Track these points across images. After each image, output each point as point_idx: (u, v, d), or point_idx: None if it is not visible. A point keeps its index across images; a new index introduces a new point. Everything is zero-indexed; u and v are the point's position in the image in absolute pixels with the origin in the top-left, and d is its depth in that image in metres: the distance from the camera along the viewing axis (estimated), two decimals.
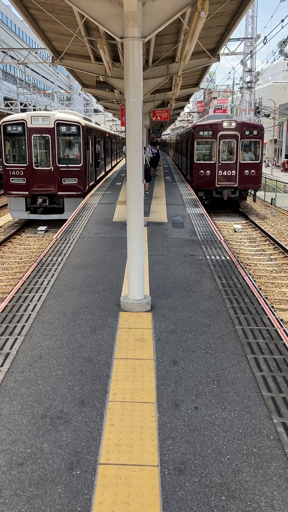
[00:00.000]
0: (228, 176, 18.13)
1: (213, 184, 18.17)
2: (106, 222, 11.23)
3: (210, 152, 18.14)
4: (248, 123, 18.69)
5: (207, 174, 18.08)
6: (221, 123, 17.89)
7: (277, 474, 2.95)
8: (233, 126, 17.90)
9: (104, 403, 3.71)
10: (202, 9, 5.62)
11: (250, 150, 18.35)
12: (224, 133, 17.87)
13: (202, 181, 18.18)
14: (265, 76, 53.95)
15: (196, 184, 18.26)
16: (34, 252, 12.88)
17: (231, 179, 18.17)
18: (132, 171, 5.52)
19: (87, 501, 2.74)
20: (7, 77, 58.57)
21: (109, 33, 5.53)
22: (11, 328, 5.12)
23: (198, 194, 18.04)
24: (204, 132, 18.02)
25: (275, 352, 4.57)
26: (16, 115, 16.04)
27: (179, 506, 2.71)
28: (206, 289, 6.40)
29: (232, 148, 18.05)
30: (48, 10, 8.70)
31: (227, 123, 17.95)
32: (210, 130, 17.98)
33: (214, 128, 17.92)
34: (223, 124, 17.88)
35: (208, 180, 18.16)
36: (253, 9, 25.63)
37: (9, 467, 3.01)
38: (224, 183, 18.17)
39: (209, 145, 18.12)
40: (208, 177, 18.12)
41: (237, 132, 17.86)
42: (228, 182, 18.18)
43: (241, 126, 17.99)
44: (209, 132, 17.95)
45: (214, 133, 17.88)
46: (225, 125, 17.87)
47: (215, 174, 18.09)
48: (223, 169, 18.10)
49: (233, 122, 17.99)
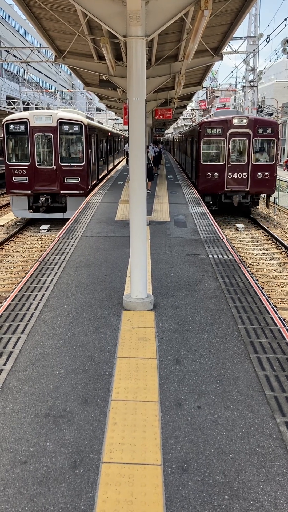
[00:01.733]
0: (238, 179, 16.47)
1: (222, 188, 16.47)
2: (109, 221, 11.23)
3: (219, 152, 16.44)
4: (262, 120, 16.89)
5: (215, 177, 16.39)
6: (231, 120, 16.10)
7: (280, 474, 2.95)
8: (245, 123, 16.12)
9: (107, 402, 3.71)
10: (205, 8, 5.61)
11: (264, 150, 16.61)
12: (235, 131, 16.14)
13: (210, 184, 16.50)
14: (268, 75, 53.84)
15: (203, 187, 16.65)
16: (37, 251, 12.90)
17: (242, 182, 16.50)
18: (135, 170, 5.51)
19: (90, 499, 2.75)
20: (9, 76, 58.60)
21: (112, 32, 5.52)
22: (14, 326, 5.13)
23: (205, 198, 16.59)
24: (212, 129, 16.25)
25: (278, 351, 4.56)
26: (18, 114, 16.05)
27: (182, 505, 2.71)
28: (208, 288, 6.40)
29: (243, 147, 16.36)
30: (51, 8, 8.70)
31: (238, 119, 16.14)
32: (218, 127, 16.18)
33: (223, 125, 16.13)
34: (234, 120, 16.08)
35: (216, 184, 16.46)
36: (256, 8, 25.57)
37: (13, 466, 3.02)
38: (234, 187, 16.49)
39: (217, 144, 16.39)
40: (216, 180, 16.42)
41: (249, 130, 16.12)
42: (239, 186, 16.52)
43: (253, 123, 16.20)
44: (217, 130, 16.18)
45: (223, 131, 16.13)
46: (236, 122, 16.10)
47: (224, 176, 16.38)
48: (233, 171, 16.43)
49: (245, 119, 16.17)
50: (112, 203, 14.03)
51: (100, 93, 20.10)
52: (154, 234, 9.72)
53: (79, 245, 8.83)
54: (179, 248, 8.65)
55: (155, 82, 13.53)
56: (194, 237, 9.60)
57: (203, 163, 16.49)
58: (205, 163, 16.49)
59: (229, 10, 9.30)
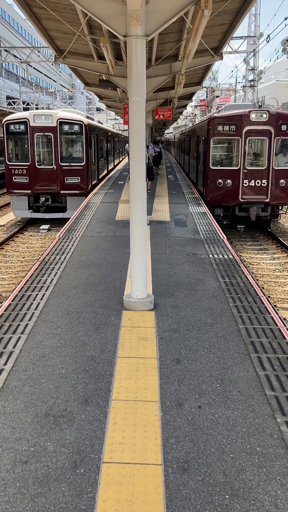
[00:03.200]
0: (256, 188, 13.66)
1: (236, 198, 13.69)
2: (109, 221, 11.23)
3: (232, 155, 13.73)
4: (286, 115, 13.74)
5: (227, 185, 13.62)
6: (248, 115, 13.26)
7: (281, 473, 2.95)
8: (265, 118, 13.27)
9: (108, 402, 3.71)
10: (205, 7, 5.61)
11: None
12: (252, 128, 13.35)
13: (221, 194, 13.73)
14: (268, 75, 53.81)
15: (212, 197, 13.88)
16: (37, 250, 12.90)
17: (260, 191, 13.70)
18: (135, 170, 5.51)
19: (91, 499, 2.75)
20: (9, 75, 58.60)
21: (112, 31, 5.52)
22: (14, 326, 5.13)
23: (214, 211, 13.98)
24: (224, 126, 13.43)
25: (278, 351, 4.56)
26: (18, 114, 16.06)
27: (183, 504, 2.71)
28: (209, 288, 6.39)
29: (262, 149, 13.61)
30: (51, 8, 8.70)
31: (256, 114, 13.31)
32: (232, 124, 13.38)
33: (238, 121, 13.32)
34: (251, 116, 13.25)
35: (228, 193, 13.71)
36: (256, 7, 25.55)
37: (13, 466, 3.02)
38: (252, 197, 13.68)
39: (230, 145, 13.68)
40: (228, 188, 13.66)
41: (270, 127, 13.28)
42: (257, 196, 13.70)
43: (275, 118, 13.34)
44: (231, 127, 13.41)
45: (238, 128, 13.34)
46: (254, 117, 13.27)
47: (238, 184, 13.62)
48: (250, 177, 13.62)
49: (265, 113, 13.31)
50: (112, 203, 14.03)
51: (100, 93, 20.11)
52: (154, 234, 9.72)
53: (80, 245, 8.83)
54: (179, 247, 8.64)
55: (155, 81, 13.54)
56: (195, 236, 9.60)
57: (212, 168, 13.81)
58: (215, 167, 13.80)
59: (229, 9, 9.30)
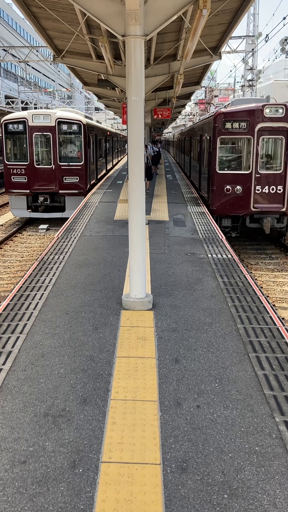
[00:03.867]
0: (271, 195, 11.86)
1: (247, 207, 11.93)
2: (108, 221, 11.23)
3: (243, 156, 11.90)
4: None
5: (236, 192, 11.85)
6: (261, 110, 11.48)
7: (279, 473, 2.95)
8: (281, 114, 11.49)
9: (106, 402, 3.71)
10: (204, 7, 5.61)
11: None
12: (266, 126, 11.56)
13: (229, 202, 11.95)
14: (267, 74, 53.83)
15: (219, 206, 12.07)
16: (36, 250, 12.89)
17: (276, 199, 11.90)
18: (134, 169, 5.51)
19: (89, 499, 2.75)
20: (8, 75, 58.52)
21: (111, 31, 5.52)
22: (13, 326, 5.13)
23: (221, 222, 12.31)
24: (233, 123, 11.59)
25: (277, 350, 4.57)
26: (17, 114, 16.05)
27: (182, 504, 2.71)
28: (207, 288, 6.40)
29: (278, 149, 11.82)
30: (50, 8, 8.70)
31: (271, 109, 11.52)
32: (242, 120, 11.57)
33: (250, 118, 11.54)
34: (265, 111, 11.47)
35: (238, 201, 11.94)
36: (255, 7, 25.54)
37: (12, 465, 3.01)
38: (265, 206, 11.89)
39: (240, 145, 11.86)
40: (238, 196, 11.90)
41: (287, 124, 11.57)
42: (272, 204, 11.93)
43: None
44: (241, 124, 11.57)
45: (250, 126, 11.56)
46: (268, 113, 11.48)
47: (250, 191, 11.87)
48: (263, 183, 11.84)
49: (281, 108, 11.51)
50: (111, 203, 14.03)
51: (99, 93, 20.10)
52: (153, 234, 9.72)
53: (78, 245, 8.82)
54: (178, 247, 8.65)
55: (154, 81, 13.54)
56: (193, 236, 9.60)
57: (219, 172, 11.97)
58: (222, 171, 11.98)
59: (227, 9, 9.30)
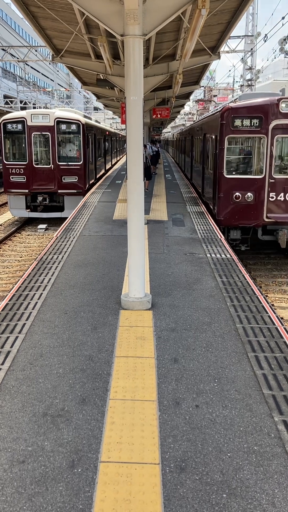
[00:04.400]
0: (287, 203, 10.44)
1: (259, 216, 10.45)
2: (107, 220, 11.22)
3: (254, 159, 10.43)
4: None
5: (247, 199, 10.37)
6: (277, 105, 9.95)
7: (278, 472, 2.95)
8: None
9: (105, 401, 3.71)
10: (203, 7, 5.61)
11: None
12: (283, 123, 10.03)
13: (238, 211, 10.51)
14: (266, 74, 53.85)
15: (226, 216, 10.61)
16: (35, 250, 12.88)
17: None
18: (133, 169, 5.51)
19: (88, 498, 2.75)
20: (7, 75, 58.48)
21: (110, 30, 5.52)
22: (11, 326, 5.13)
23: (230, 234, 10.84)
24: (243, 120, 10.09)
25: (275, 350, 4.57)
26: (16, 113, 16.04)
27: (180, 503, 2.71)
28: (206, 287, 6.40)
29: None
30: (48, 7, 8.69)
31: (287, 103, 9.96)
32: (255, 116, 10.04)
33: (263, 113, 9.99)
34: (281, 105, 9.95)
35: (249, 210, 10.47)
36: (254, 7, 25.54)
37: (11, 465, 3.01)
38: (281, 216, 10.40)
39: (251, 145, 10.39)
40: (249, 204, 10.42)
41: None
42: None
43: None
44: (253, 121, 10.07)
45: (263, 123, 10.02)
46: (284, 108, 9.97)
47: (263, 198, 10.37)
48: (278, 189, 10.34)
49: None
50: (110, 202, 14.02)
51: (98, 92, 20.09)
52: (152, 233, 9.72)
53: (77, 245, 8.82)
54: (177, 247, 8.65)
55: (153, 81, 13.54)
56: (192, 236, 9.60)
57: (227, 177, 10.49)
58: (230, 176, 10.49)
59: (226, 9, 9.30)
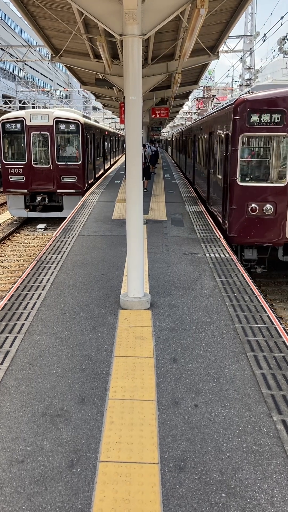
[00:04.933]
0: None
1: (280, 233, 8.71)
2: (106, 220, 11.22)
3: (273, 162, 8.62)
4: None
5: (265, 212, 8.61)
6: None
7: (277, 472, 2.96)
8: None
9: (104, 401, 3.71)
10: (202, 7, 5.62)
11: None
12: None
13: (254, 226, 8.76)
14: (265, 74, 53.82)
15: (240, 232, 8.87)
16: (33, 250, 12.88)
17: None
18: (132, 169, 5.51)
19: (87, 498, 2.75)
20: (5, 74, 58.42)
21: (109, 30, 5.51)
22: (10, 326, 5.12)
23: (244, 254, 9.12)
24: (262, 115, 8.27)
25: (274, 350, 4.57)
26: (14, 113, 16.03)
27: (179, 503, 2.71)
28: (205, 287, 6.40)
29: None
30: (47, 7, 8.69)
31: None
32: (276, 110, 8.23)
33: (285, 106, 8.22)
34: None
35: (267, 225, 8.72)
36: (253, 6, 25.56)
37: (10, 465, 3.01)
38: None
39: (270, 146, 8.56)
40: (268, 218, 8.67)
41: None
42: None
43: None
44: (274, 116, 8.24)
45: (284, 119, 8.26)
46: None
47: (285, 211, 8.62)
48: None
49: None
50: (109, 202, 14.02)
51: (97, 92, 20.09)
52: (151, 233, 9.72)
53: (76, 244, 8.82)
54: (176, 247, 8.65)
55: (152, 80, 13.54)
56: (191, 236, 9.60)
57: (241, 184, 8.69)
58: (245, 183, 8.70)
59: (225, 8, 9.30)
